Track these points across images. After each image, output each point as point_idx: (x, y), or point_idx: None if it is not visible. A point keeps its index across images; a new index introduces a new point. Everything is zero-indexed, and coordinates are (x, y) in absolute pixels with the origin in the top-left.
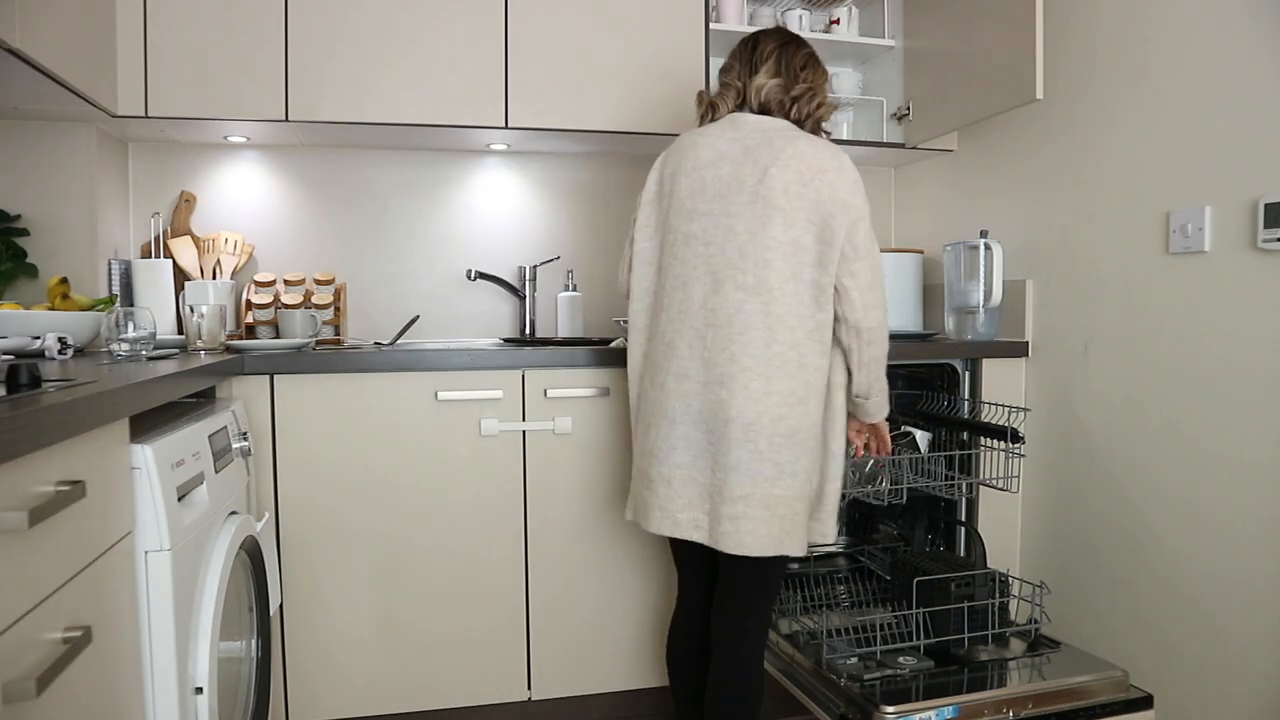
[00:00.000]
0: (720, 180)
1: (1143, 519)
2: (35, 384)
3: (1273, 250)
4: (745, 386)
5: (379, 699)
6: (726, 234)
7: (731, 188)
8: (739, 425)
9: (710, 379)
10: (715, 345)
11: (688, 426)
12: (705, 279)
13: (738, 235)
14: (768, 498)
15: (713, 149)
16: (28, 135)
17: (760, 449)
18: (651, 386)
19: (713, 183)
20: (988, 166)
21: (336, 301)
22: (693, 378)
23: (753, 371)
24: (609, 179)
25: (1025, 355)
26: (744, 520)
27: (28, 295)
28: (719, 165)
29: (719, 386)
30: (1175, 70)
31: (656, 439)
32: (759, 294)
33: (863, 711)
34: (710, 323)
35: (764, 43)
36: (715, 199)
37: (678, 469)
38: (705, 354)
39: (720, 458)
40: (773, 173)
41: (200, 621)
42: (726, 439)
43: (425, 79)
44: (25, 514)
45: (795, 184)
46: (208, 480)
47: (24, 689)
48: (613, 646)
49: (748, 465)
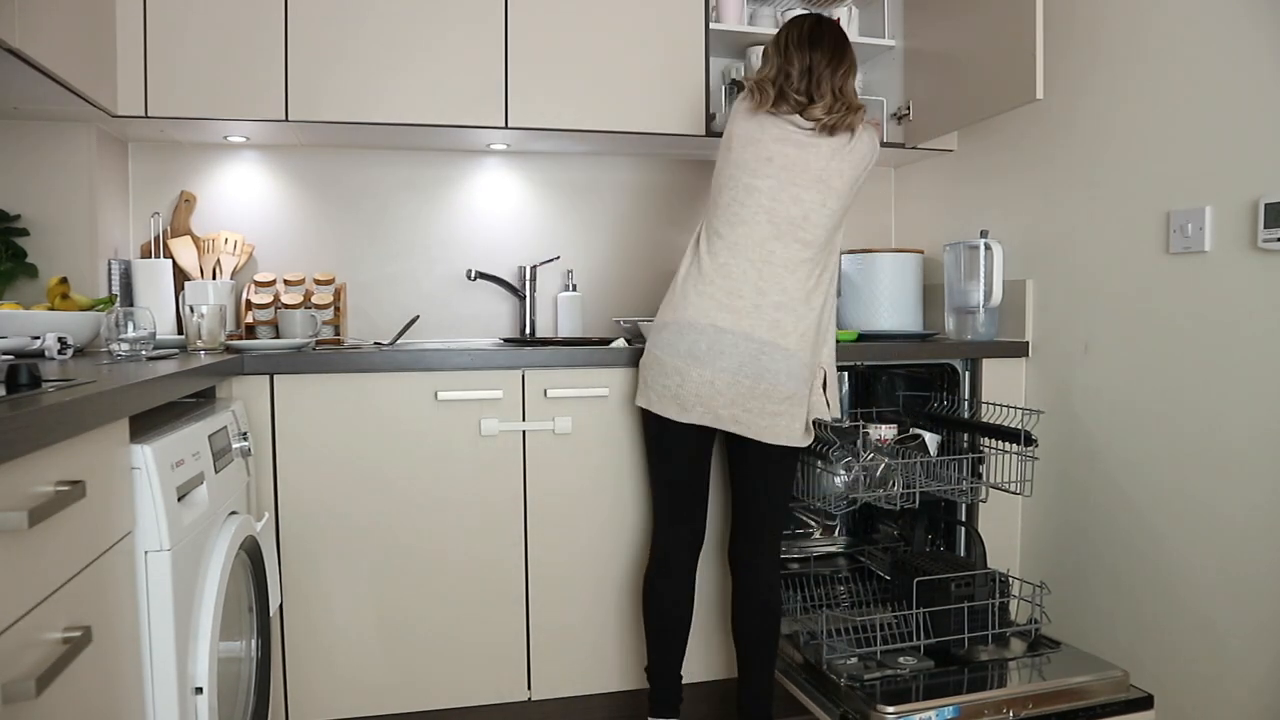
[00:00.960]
0: (786, 157)
1: (1143, 519)
2: (35, 384)
3: (1273, 250)
4: (796, 314)
5: (379, 699)
6: (792, 199)
7: (797, 165)
8: (792, 341)
9: (764, 303)
10: (770, 278)
11: (737, 337)
12: (766, 225)
13: (802, 202)
14: (803, 400)
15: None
16: (28, 135)
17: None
18: (701, 297)
19: (779, 156)
20: (988, 166)
21: (336, 301)
22: (745, 298)
23: (798, 305)
24: (609, 179)
25: (1025, 355)
26: (783, 417)
27: (27, 295)
28: (783, 145)
29: (774, 310)
30: (1175, 70)
31: (699, 342)
32: (812, 248)
33: (863, 712)
34: (767, 260)
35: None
36: (782, 169)
37: (723, 372)
38: (760, 282)
39: (772, 364)
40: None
41: (200, 621)
42: (781, 349)
43: (425, 79)
44: (25, 514)
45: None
46: (208, 480)
47: (24, 689)
48: (613, 647)
49: (796, 373)
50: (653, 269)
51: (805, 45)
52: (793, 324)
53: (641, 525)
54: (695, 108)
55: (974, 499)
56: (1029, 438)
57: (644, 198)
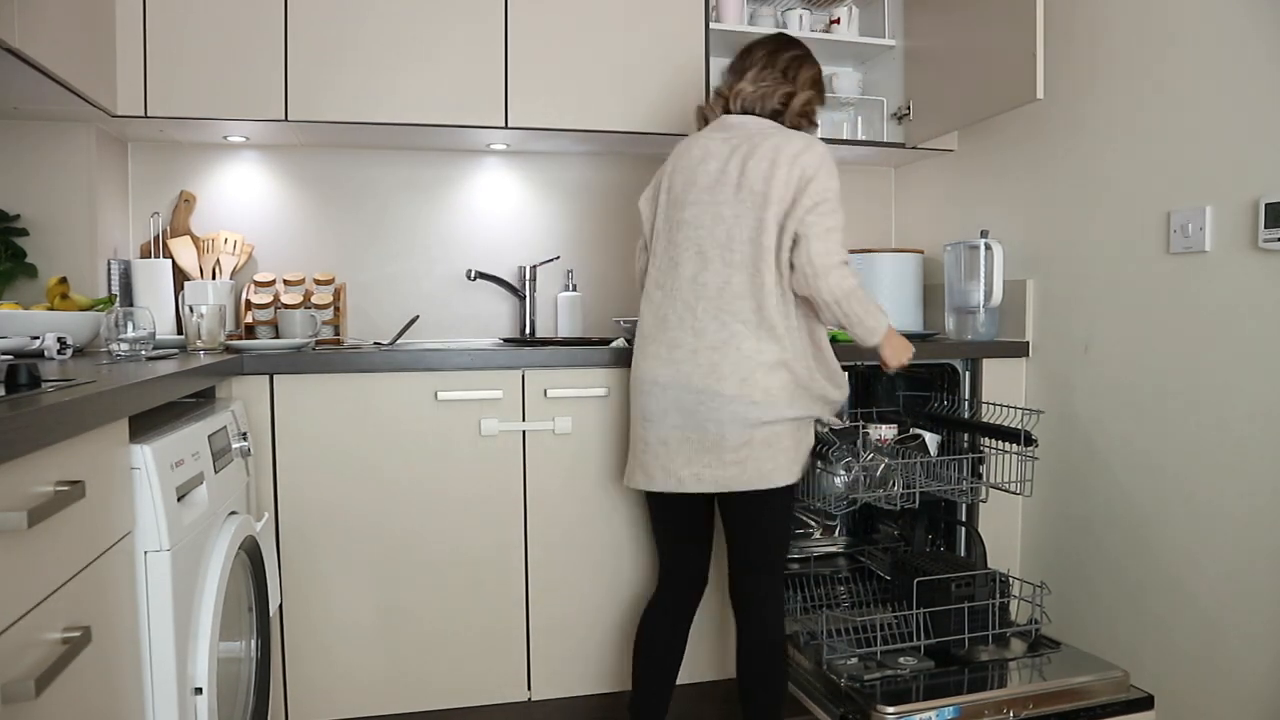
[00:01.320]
0: (708, 174)
1: (1143, 519)
2: (34, 384)
3: (1273, 250)
4: (738, 349)
5: (379, 699)
6: (714, 219)
7: (719, 181)
8: (733, 382)
9: (701, 345)
10: (706, 314)
11: (677, 390)
12: (694, 259)
13: (724, 219)
14: (771, 436)
15: (702, 148)
16: (27, 135)
17: (756, 401)
18: (644, 357)
19: (702, 176)
20: (988, 166)
21: (336, 301)
22: (683, 346)
23: (743, 336)
24: (609, 179)
25: (1026, 355)
26: (750, 462)
27: (27, 295)
28: (707, 162)
29: (710, 351)
30: (1176, 70)
31: (649, 403)
32: (744, 268)
33: (863, 712)
34: (700, 296)
35: (755, 50)
36: (704, 190)
37: (674, 430)
38: (695, 323)
39: (713, 414)
40: (750, 165)
41: (200, 621)
42: (719, 396)
43: (425, 79)
44: (25, 514)
45: (768, 170)
46: (207, 480)
47: (23, 689)
48: (613, 647)
49: (743, 416)
50: None
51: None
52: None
53: (642, 526)
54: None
55: (974, 499)
56: (1029, 438)
57: None
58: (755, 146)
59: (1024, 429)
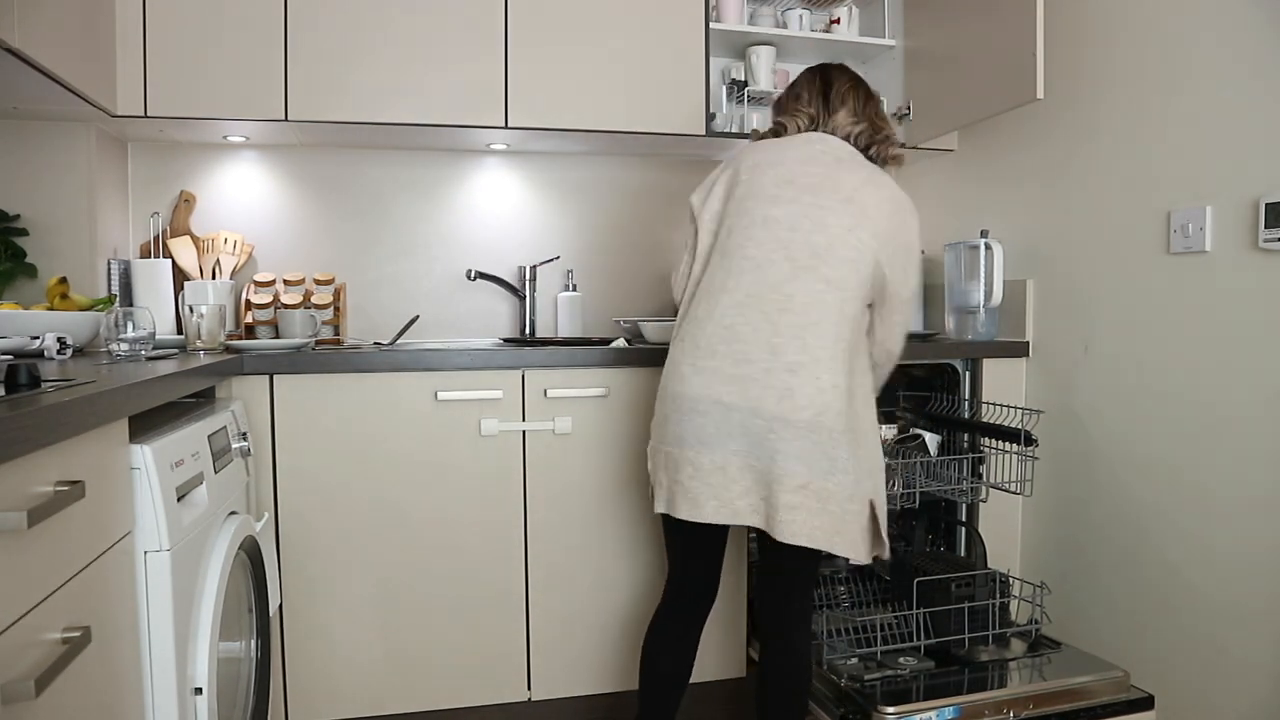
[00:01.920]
0: (813, 175)
1: (1144, 519)
2: (34, 384)
3: (1274, 250)
4: (816, 377)
5: (378, 699)
6: (816, 224)
7: (826, 186)
8: (806, 414)
9: (776, 365)
10: (788, 332)
11: (745, 414)
12: (784, 264)
13: (829, 228)
14: (822, 490)
15: (804, 150)
16: (27, 135)
17: (820, 441)
18: (697, 372)
19: (803, 176)
20: (988, 166)
21: (336, 301)
22: (756, 363)
23: (823, 364)
24: (609, 179)
25: (1026, 355)
26: (800, 510)
27: (27, 295)
28: (811, 164)
29: (787, 374)
30: (1176, 70)
31: (705, 425)
32: (839, 289)
33: (863, 712)
34: (784, 308)
35: (838, 81)
36: (807, 191)
37: (734, 455)
38: (774, 339)
39: (782, 445)
40: (868, 190)
41: (200, 622)
42: (791, 426)
43: (425, 79)
44: (24, 514)
45: (885, 205)
46: (207, 480)
47: (23, 689)
48: (613, 647)
49: (808, 455)
50: (653, 269)
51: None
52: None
53: (641, 525)
54: (695, 108)
55: (974, 499)
56: (1029, 438)
57: (644, 198)
58: (872, 173)
59: (1024, 429)
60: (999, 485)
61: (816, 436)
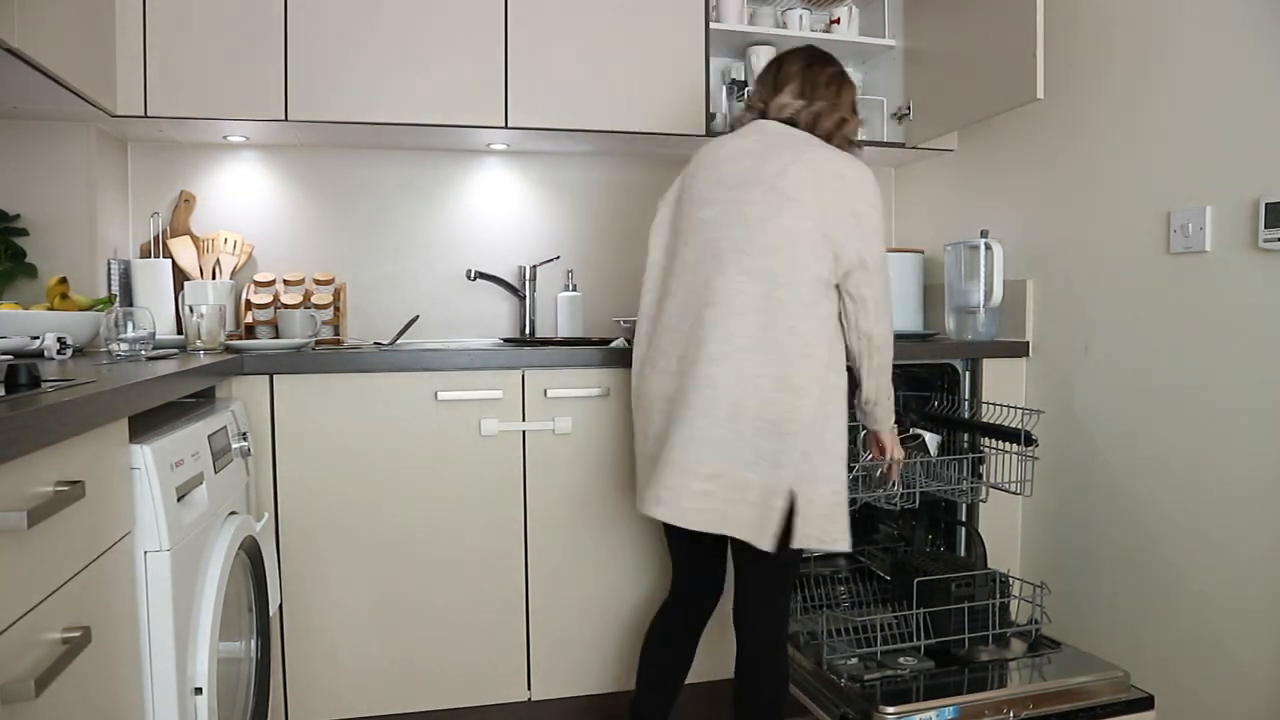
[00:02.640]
0: (738, 172)
1: (1143, 519)
2: (34, 384)
3: (1274, 250)
4: (739, 367)
5: (379, 699)
6: (736, 219)
7: (749, 179)
8: (726, 404)
9: (702, 356)
10: (711, 325)
11: (681, 406)
12: (711, 262)
13: (747, 220)
14: (740, 481)
15: (735, 146)
16: (27, 135)
17: (741, 430)
18: (652, 371)
19: (730, 174)
20: (988, 166)
21: (336, 301)
22: (687, 358)
23: (747, 353)
24: (609, 179)
25: (1026, 355)
26: (715, 498)
27: (27, 295)
28: (738, 159)
29: (711, 364)
30: (1176, 70)
31: (659, 422)
32: (762, 279)
33: (863, 712)
34: (709, 303)
35: (788, 63)
36: (730, 188)
37: (673, 449)
38: (699, 333)
39: (701, 433)
40: (793, 169)
41: (200, 622)
42: (710, 415)
43: (425, 79)
44: (24, 514)
45: (813, 181)
46: (207, 480)
47: (23, 689)
48: (613, 646)
49: (726, 444)
50: None
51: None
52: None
53: (642, 525)
54: (695, 108)
55: (974, 499)
56: (1029, 438)
57: (644, 198)
58: (800, 153)
59: (1024, 429)
60: (999, 485)
61: (737, 425)
